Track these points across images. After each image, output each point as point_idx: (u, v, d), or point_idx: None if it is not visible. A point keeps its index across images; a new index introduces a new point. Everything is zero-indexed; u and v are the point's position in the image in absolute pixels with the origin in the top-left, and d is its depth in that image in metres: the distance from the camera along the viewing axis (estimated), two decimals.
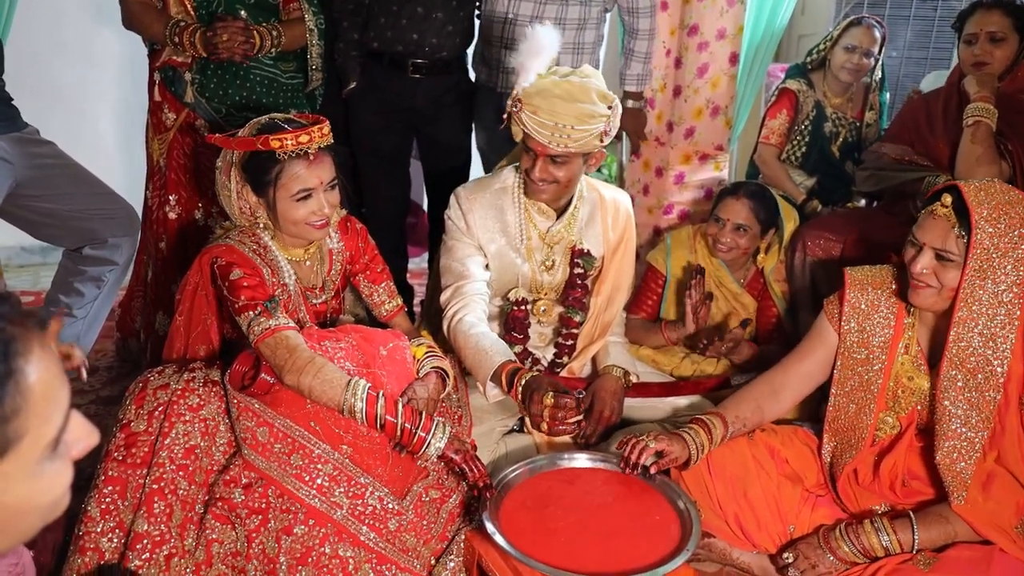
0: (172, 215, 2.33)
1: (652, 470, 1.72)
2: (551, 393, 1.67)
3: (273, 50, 2.24)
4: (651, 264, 2.55)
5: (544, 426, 1.69)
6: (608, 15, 2.76)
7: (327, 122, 1.71)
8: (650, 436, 1.73)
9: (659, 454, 1.72)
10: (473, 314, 1.91)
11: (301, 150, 1.64)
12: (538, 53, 1.82)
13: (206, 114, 2.25)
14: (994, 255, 1.54)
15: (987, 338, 1.58)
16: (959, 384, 1.61)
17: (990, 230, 1.54)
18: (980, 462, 1.61)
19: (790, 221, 2.46)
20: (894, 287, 1.77)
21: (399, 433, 1.61)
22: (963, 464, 1.60)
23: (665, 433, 1.76)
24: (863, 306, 1.77)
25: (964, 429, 1.61)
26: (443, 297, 1.99)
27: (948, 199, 1.59)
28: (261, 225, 1.76)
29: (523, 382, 1.71)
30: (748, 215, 2.34)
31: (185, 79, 2.23)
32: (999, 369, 1.57)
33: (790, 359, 1.86)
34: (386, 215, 2.86)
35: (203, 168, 2.29)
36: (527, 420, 1.99)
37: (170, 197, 2.32)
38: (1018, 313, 1.56)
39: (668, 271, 2.50)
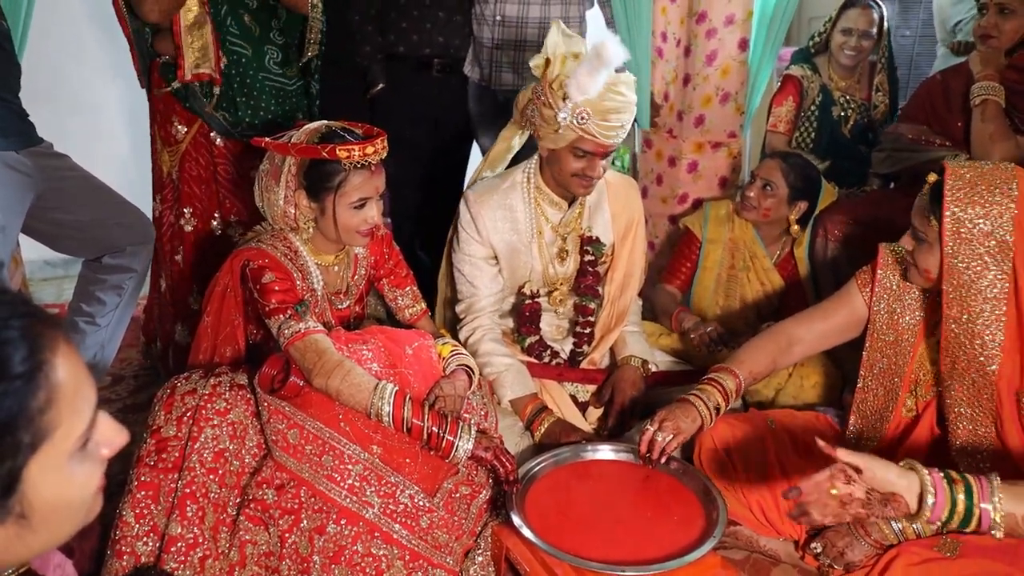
0: (188, 228, 2.34)
1: (667, 452, 1.68)
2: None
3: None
4: (688, 228, 2.55)
5: None
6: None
7: (385, 135, 1.74)
8: (656, 426, 1.67)
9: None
10: (490, 333, 2.05)
11: (366, 161, 1.67)
12: (606, 67, 1.78)
13: (219, 127, 2.26)
14: (964, 247, 1.48)
15: (973, 335, 1.53)
16: (957, 378, 1.58)
17: (960, 215, 1.47)
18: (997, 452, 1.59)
19: (827, 199, 2.45)
20: None
21: (426, 437, 1.63)
22: (980, 455, 1.58)
23: (671, 413, 1.69)
24: (894, 286, 1.72)
25: (972, 426, 1.59)
26: (458, 308, 2.13)
27: (933, 177, 1.55)
28: (300, 227, 1.76)
29: (542, 430, 1.93)
30: (776, 174, 2.35)
31: (203, 93, 2.21)
32: (990, 368, 1.53)
33: (813, 316, 1.82)
34: (414, 210, 2.95)
35: (220, 178, 2.31)
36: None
37: (184, 210, 2.33)
38: (1003, 309, 1.49)
39: (704, 238, 2.50)
